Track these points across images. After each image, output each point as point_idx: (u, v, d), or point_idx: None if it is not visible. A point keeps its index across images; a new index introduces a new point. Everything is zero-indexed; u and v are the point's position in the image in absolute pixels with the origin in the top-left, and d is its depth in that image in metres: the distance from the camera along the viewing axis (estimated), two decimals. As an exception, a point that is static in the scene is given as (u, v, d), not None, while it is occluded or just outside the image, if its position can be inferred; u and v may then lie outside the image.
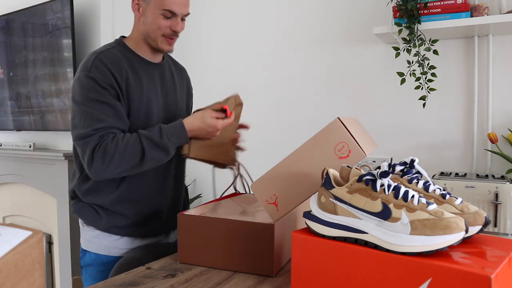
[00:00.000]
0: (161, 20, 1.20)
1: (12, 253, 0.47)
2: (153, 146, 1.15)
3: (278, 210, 0.91)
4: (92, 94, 1.15)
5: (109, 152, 1.12)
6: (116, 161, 1.13)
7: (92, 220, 1.25)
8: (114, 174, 1.16)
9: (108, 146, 1.12)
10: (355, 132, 0.86)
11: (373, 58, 1.99)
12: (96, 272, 1.26)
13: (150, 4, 1.20)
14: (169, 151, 1.17)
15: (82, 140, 1.14)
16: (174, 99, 1.34)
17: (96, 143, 1.13)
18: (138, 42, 1.26)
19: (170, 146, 1.16)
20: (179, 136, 1.18)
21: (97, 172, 1.14)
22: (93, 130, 1.13)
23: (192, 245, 1.01)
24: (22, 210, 2.86)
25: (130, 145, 1.13)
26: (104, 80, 1.15)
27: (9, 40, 2.78)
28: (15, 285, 0.47)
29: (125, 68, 1.20)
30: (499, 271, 0.58)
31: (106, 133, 1.14)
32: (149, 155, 1.14)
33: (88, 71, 1.15)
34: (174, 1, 1.19)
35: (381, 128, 1.96)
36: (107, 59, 1.18)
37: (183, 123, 1.18)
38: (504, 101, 1.74)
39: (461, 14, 1.64)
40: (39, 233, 0.51)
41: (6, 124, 2.90)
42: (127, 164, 1.14)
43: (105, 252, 1.25)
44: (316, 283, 0.73)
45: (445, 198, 0.76)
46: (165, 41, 1.24)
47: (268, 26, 2.26)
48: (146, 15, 1.21)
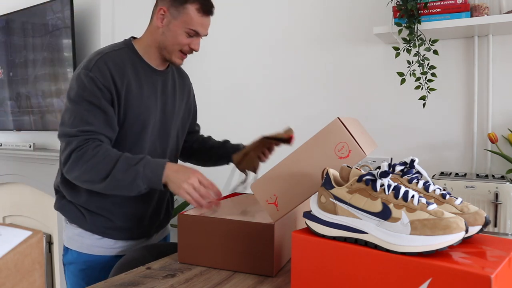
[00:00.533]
0: (184, 38, 1.21)
1: (12, 253, 0.47)
2: (123, 167, 1.09)
3: (278, 210, 0.91)
4: (87, 95, 1.14)
5: (85, 157, 1.10)
6: (86, 168, 1.10)
7: (75, 218, 1.26)
8: (79, 180, 1.14)
9: (88, 152, 1.10)
10: (355, 132, 0.86)
11: (373, 58, 1.99)
12: (78, 271, 1.27)
13: (177, 19, 1.20)
14: (135, 179, 1.08)
15: (66, 138, 1.13)
16: (172, 107, 1.33)
17: (78, 145, 1.11)
18: (149, 48, 1.25)
19: (140, 173, 1.08)
20: (154, 170, 1.09)
21: (67, 171, 1.14)
22: (79, 132, 1.12)
23: (192, 245, 1.01)
24: (22, 210, 2.86)
25: (107, 159, 1.10)
26: (102, 82, 1.14)
27: (9, 40, 2.78)
28: (15, 285, 0.47)
29: (127, 74, 1.20)
30: (499, 271, 0.58)
31: (91, 138, 1.13)
32: (115, 173, 1.08)
33: (89, 70, 1.15)
34: (202, 24, 1.22)
35: (381, 128, 1.96)
36: (111, 61, 1.18)
37: (166, 161, 1.11)
38: (504, 101, 1.74)
39: (461, 14, 1.64)
40: (39, 233, 0.51)
41: (6, 124, 2.90)
42: (92, 175, 1.10)
43: (87, 250, 1.26)
44: (316, 283, 0.73)
45: (445, 198, 0.76)
46: (179, 56, 1.25)
47: (268, 26, 2.26)
48: (169, 28, 1.21)
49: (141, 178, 1.08)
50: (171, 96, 1.33)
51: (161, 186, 1.08)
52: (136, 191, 1.10)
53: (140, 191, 1.10)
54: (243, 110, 2.34)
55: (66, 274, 1.31)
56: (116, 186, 1.10)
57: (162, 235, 1.43)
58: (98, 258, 1.26)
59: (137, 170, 1.08)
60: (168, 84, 1.32)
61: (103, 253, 1.26)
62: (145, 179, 1.08)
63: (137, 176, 1.08)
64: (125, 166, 1.08)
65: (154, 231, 1.37)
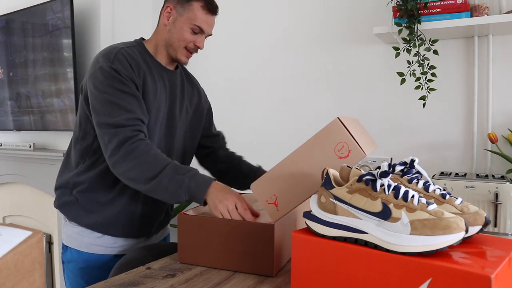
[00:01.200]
0: (189, 34, 1.24)
1: (12, 253, 0.47)
2: (169, 174, 1.09)
3: (278, 210, 0.91)
4: (117, 85, 1.15)
5: (135, 153, 1.10)
6: (135, 165, 1.10)
7: (76, 216, 1.26)
8: (125, 176, 1.13)
9: (139, 148, 1.10)
10: (355, 132, 0.86)
11: (373, 58, 1.99)
12: (77, 269, 1.27)
13: (182, 16, 1.23)
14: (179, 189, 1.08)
15: (112, 129, 1.12)
16: (179, 107, 1.34)
17: (128, 136, 1.11)
18: (157, 47, 1.29)
19: (185, 184, 1.07)
20: (200, 185, 1.08)
21: (114, 165, 1.12)
22: (124, 120, 1.12)
23: (192, 245, 1.01)
24: (22, 210, 2.86)
25: (158, 161, 1.10)
26: (126, 73, 1.16)
27: (9, 40, 2.78)
28: (15, 285, 0.47)
29: (143, 68, 1.22)
30: (499, 271, 0.58)
31: (138, 129, 1.13)
32: (161, 178, 1.08)
33: (111, 63, 1.16)
34: (206, 21, 1.25)
35: (381, 128, 1.96)
36: (128, 55, 1.20)
37: (213, 180, 1.10)
38: (504, 101, 1.74)
39: (461, 14, 1.64)
40: (39, 233, 0.51)
41: (6, 124, 2.90)
42: (139, 174, 1.10)
43: (86, 249, 1.26)
44: (316, 283, 0.73)
45: (445, 198, 0.76)
46: (185, 53, 1.27)
47: (268, 26, 2.26)
48: (175, 25, 1.24)
49: (184, 189, 1.07)
50: (179, 97, 1.34)
51: (203, 202, 1.08)
52: (175, 200, 1.10)
53: (180, 201, 1.09)
54: (243, 110, 2.34)
55: (65, 273, 1.32)
56: (158, 191, 1.10)
57: (162, 235, 1.43)
58: (97, 257, 1.26)
59: (182, 181, 1.08)
60: (177, 84, 1.34)
61: (102, 252, 1.26)
62: (188, 191, 1.08)
63: (181, 186, 1.08)
64: (173, 174, 1.08)
65: (154, 231, 1.37)
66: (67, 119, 2.47)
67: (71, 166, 1.29)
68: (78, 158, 1.27)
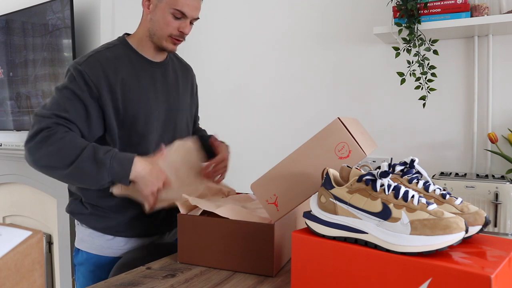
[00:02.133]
0: (171, 19, 1.19)
1: (12, 253, 0.47)
2: (90, 157, 1.05)
3: (278, 210, 0.91)
4: (72, 86, 1.13)
5: (51, 140, 1.05)
6: (50, 151, 1.05)
7: (85, 219, 1.25)
8: (38, 164, 1.08)
9: (56, 135, 1.06)
10: (355, 132, 0.86)
11: (373, 58, 1.99)
12: (88, 272, 1.25)
13: (162, 1, 1.18)
14: (101, 170, 1.05)
15: (38, 117, 1.09)
16: (176, 99, 1.32)
17: (47, 126, 1.07)
18: (141, 40, 1.25)
19: (106, 165, 1.05)
20: (122, 164, 1.06)
21: (29, 152, 1.08)
22: (53, 114, 1.09)
23: (192, 245, 1.01)
24: (22, 210, 2.86)
25: (74, 145, 1.06)
26: (91, 77, 1.13)
27: (9, 40, 2.78)
28: (15, 285, 0.47)
29: (122, 69, 1.19)
30: (499, 271, 0.58)
31: (63, 124, 1.09)
32: (80, 162, 1.04)
33: (79, 64, 1.14)
34: (187, 3, 1.18)
35: (381, 128, 1.96)
36: (104, 58, 1.17)
37: (134, 156, 1.09)
38: (504, 101, 1.74)
39: (461, 14, 1.64)
40: (39, 233, 0.51)
41: (6, 124, 2.90)
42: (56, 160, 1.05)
43: (97, 251, 1.24)
44: (316, 283, 0.73)
45: (445, 198, 0.76)
46: (171, 41, 1.22)
47: (268, 26, 2.26)
48: (156, 12, 1.19)
49: (107, 170, 1.05)
50: (174, 88, 1.32)
51: (128, 182, 1.06)
52: (99, 184, 1.06)
53: (103, 184, 1.06)
54: (243, 111, 2.33)
55: (76, 275, 1.30)
56: (78, 175, 1.06)
57: (175, 235, 1.40)
58: (107, 259, 1.24)
59: (103, 162, 1.04)
60: (169, 75, 1.31)
61: (112, 254, 1.24)
62: (111, 172, 1.05)
63: (102, 167, 1.04)
64: (92, 156, 1.05)
65: (168, 229, 1.34)
66: (67, 119, 2.46)
67: None
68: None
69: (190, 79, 1.42)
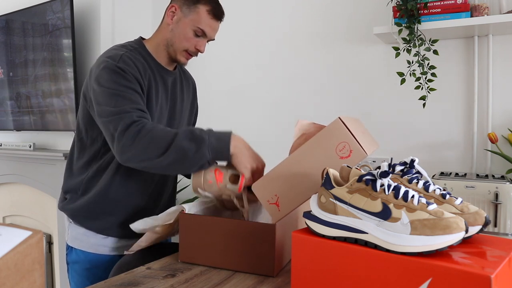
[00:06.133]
0: (191, 36, 1.23)
1: (12, 253, 0.47)
2: (186, 136, 1.03)
3: (280, 210, 0.91)
4: (123, 81, 1.12)
5: (142, 133, 1.04)
6: (144, 143, 1.04)
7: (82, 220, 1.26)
8: (136, 160, 1.06)
9: (145, 127, 1.05)
10: (356, 132, 0.86)
11: (373, 58, 1.99)
12: (82, 270, 1.27)
13: (187, 17, 1.22)
14: (201, 147, 1.02)
15: (116, 115, 1.07)
16: (180, 107, 1.35)
17: (133, 120, 1.06)
18: (158, 47, 1.27)
19: (205, 141, 1.02)
20: (220, 139, 1.04)
21: (122, 151, 1.06)
22: (129, 108, 1.08)
23: (193, 244, 1.01)
24: (22, 210, 2.86)
25: (166, 132, 1.05)
26: (132, 73, 1.15)
27: (9, 40, 2.78)
28: (15, 285, 0.47)
29: (148, 72, 1.22)
30: (499, 271, 0.58)
31: (143, 115, 1.09)
32: (178, 142, 1.02)
33: (117, 62, 1.15)
34: (210, 24, 1.24)
35: (381, 128, 1.96)
36: (134, 57, 1.20)
37: (231, 132, 1.06)
38: (504, 101, 1.74)
39: (461, 14, 1.64)
40: (39, 233, 0.51)
41: (6, 124, 2.90)
42: (152, 150, 1.04)
43: (92, 250, 1.26)
44: (316, 283, 0.73)
45: (445, 198, 0.76)
46: (185, 55, 1.26)
47: (268, 26, 2.26)
48: (178, 25, 1.23)
49: (206, 146, 1.02)
50: (179, 97, 1.35)
51: (229, 156, 1.03)
52: (199, 164, 1.03)
53: (203, 164, 1.03)
54: (243, 111, 2.33)
55: (69, 273, 1.31)
56: (179, 159, 1.03)
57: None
58: (103, 257, 1.26)
59: (202, 138, 1.03)
60: (177, 84, 1.34)
61: (108, 252, 1.26)
62: (211, 147, 1.02)
63: (202, 144, 1.02)
64: (189, 135, 1.03)
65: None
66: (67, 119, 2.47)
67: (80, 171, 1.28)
68: (86, 163, 1.26)
69: (191, 89, 1.45)
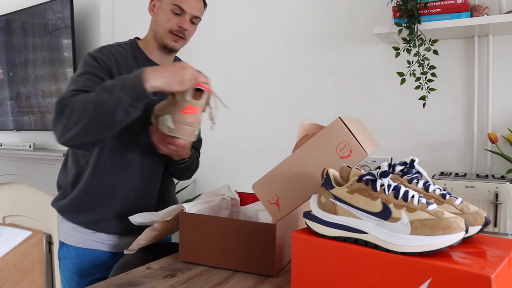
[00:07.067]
0: (170, 16, 1.25)
1: (12, 253, 0.47)
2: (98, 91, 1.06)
3: (280, 210, 0.91)
4: (90, 68, 1.18)
5: (64, 104, 1.08)
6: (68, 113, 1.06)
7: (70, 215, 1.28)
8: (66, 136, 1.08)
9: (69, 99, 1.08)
10: (357, 131, 0.86)
11: (373, 58, 1.99)
12: (73, 264, 1.29)
13: (163, 2, 1.26)
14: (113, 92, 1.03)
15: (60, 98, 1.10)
16: None
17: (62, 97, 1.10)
18: (148, 42, 1.31)
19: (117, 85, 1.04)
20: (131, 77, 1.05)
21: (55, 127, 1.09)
22: (74, 90, 1.11)
23: (194, 243, 1.01)
24: (22, 210, 2.86)
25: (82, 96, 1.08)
26: (105, 61, 1.20)
27: (9, 40, 2.78)
28: (15, 285, 0.47)
29: (130, 65, 1.25)
30: (499, 271, 0.58)
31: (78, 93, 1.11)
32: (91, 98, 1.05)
33: (93, 52, 1.22)
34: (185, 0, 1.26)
35: (381, 128, 1.96)
36: (116, 51, 1.25)
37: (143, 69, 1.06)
38: (504, 101, 1.74)
39: (461, 14, 1.64)
40: (39, 233, 0.51)
41: (6, 124, 2.90)
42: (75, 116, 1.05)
43: (82, 245, 1.28)
44: (316, 283, 0.73)
45: (445, 198, 0.76)
46: (171, 37, 1.27)
47: (268, 26, 2.26)
48: (158, 13, 1.27)
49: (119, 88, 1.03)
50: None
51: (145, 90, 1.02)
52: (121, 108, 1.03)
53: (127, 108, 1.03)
54: (242, 111, 2.33)
55: (60, 268, 1.34)
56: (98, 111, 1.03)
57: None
58: (92, 252, 1.28)
59: (113, 84, 1.05)
60: None
61: (97, 247, 1.28)
62: (124, 88, 1.03)
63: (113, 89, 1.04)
64: (100, 89, 1.06)
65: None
66: (67, 119, 2.46)
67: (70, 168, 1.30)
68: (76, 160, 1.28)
69: None
